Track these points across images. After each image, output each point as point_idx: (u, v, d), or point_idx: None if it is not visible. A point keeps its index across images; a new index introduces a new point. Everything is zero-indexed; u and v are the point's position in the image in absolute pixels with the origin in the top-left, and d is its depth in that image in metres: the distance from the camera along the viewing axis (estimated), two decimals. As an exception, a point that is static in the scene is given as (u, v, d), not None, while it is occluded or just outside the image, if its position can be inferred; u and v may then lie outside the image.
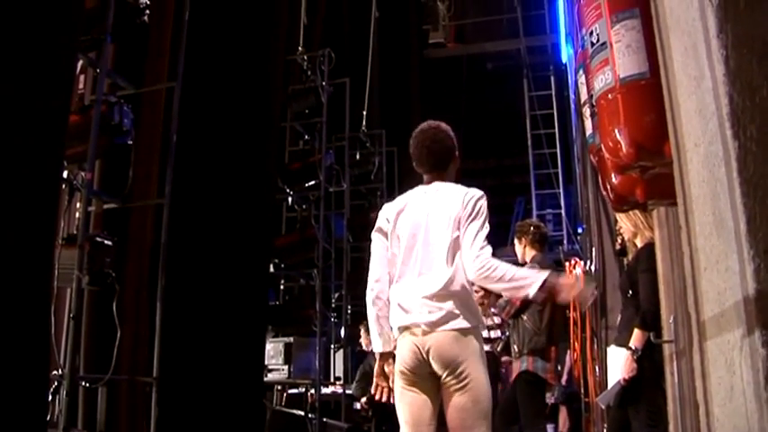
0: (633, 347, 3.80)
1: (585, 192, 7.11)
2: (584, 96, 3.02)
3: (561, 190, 11.81)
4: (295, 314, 7.73)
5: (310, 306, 7.67)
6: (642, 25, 2.45)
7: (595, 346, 6.17)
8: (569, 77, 9.10)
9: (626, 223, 4.20)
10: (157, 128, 5.57)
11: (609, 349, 4.36)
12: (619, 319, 4.28)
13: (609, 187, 2.95)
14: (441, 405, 2.86)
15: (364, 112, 9.60)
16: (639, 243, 4.11)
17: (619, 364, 3.89)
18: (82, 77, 4.65)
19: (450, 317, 2.79)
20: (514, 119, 12.92)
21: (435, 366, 2.81)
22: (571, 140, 9.70)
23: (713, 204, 1.54)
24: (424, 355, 2.81)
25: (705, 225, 1.61)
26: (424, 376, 2.83)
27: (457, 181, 3.10)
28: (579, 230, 9.41)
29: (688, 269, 1.81)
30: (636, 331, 3.82)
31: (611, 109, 2.57)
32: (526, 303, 4.77)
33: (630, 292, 4.03)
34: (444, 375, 2.79)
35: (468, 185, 3.05)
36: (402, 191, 3.17)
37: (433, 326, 2.79)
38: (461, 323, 2.79)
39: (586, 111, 3.01)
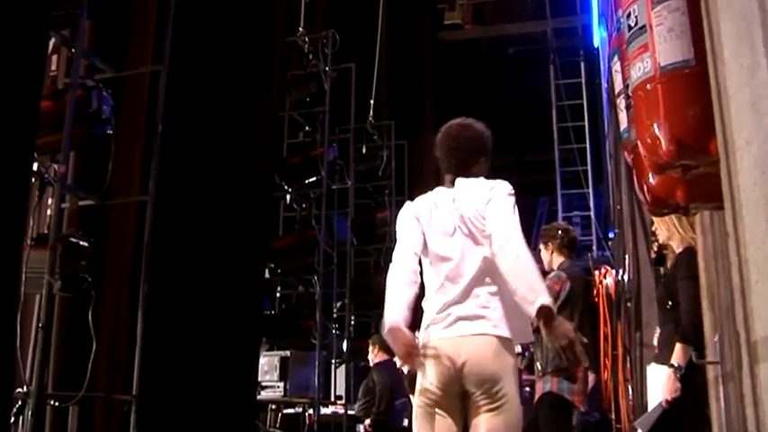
0: (676, 365, 3.75)
1: (618, 192, 7.09)
2: (618, 86, 3.00)
3: (590, 190, 11.77)
4: (292, 325, 7.76)
5: (309, 316, 7.68)
6: (687, 6, 2.41)
7: (628, 365, 6.15)
8: (602, 64, 9.09)
9: (660, 227, 4.18)
10: (141, 116, 5.57)
11: (649, 368, 4.33)
12: (657, 334, 4.24)
13: (645, 188, 2.93)
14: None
15: (371, 101, 9.58)
16: (677, 247, 4.08)
17: (659, 384, 3.85)
18: (54, 58, 4.64)
19: (489, 325, 2.81)
20: (539, 110, 12.85)
21: (468, 383, 2.80)
22: (603, 135, 9.68)
23: (766, 210, 1.52)
24: (457, 370, 2.80)
25: (757, 233, 1.58)
26: (452, 395, 2.82)
27: None
28: (610, 235, 9.40)
29: (736, 282, 1.79)
30: (677, 346, 3.77)
31: (650, 101, 2.54)
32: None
33: (670, 303, 3.99)
34: (477, 393, 2.78)
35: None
36: (413, 188, 3.20)
37: (471, 334, 2.81)
38: (502, 331, 2.81)
39: (621, 102, 2.99)
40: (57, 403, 4.47)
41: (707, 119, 2.11)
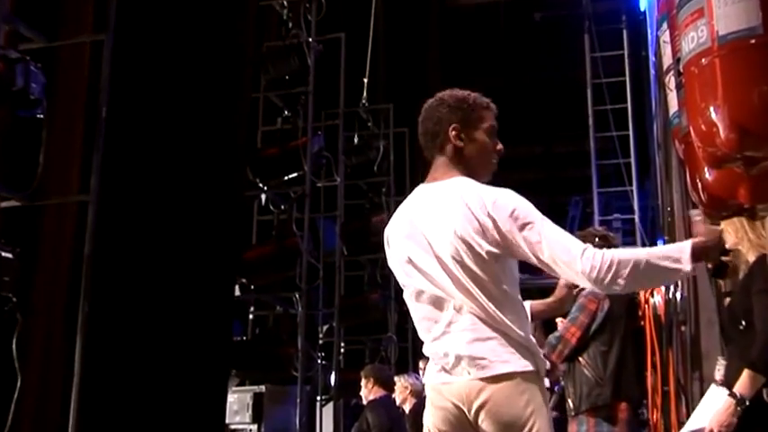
0: (738, 395, 3.71)
1: (668, 190, 7.01)
2: (667, 60, 3.03)
3: (634, 187, 11.71)
4: (268, 353, 7.80)
5: (289, 342, 7.73)
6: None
7: (682, 407, 6.13)
8: (649, 32, 9.05)
9: (728, 230, 4.12)
10: (80, 97, 5.55)
11: (710, 389, 4.33)
12: (722, 366, 4.18)
13: (700, 186, 2.92)
14: None
15: (365, 80, 9.54)
16: (748, 255, 4.02)
17: (712, 408, 3.81)
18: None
19: (502, 358, 2.80)
20: (571, 90, 12.79)
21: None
22: (649, 119, 9.61)
23: None
24: (471, 420, 2.82)
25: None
26: None
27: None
28: (659, 244, 9.20)
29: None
30: (745, 373, 3.72)
31: (705, 78, 2.54)
32: (585, 340, 4.81)
33: (743, 323, 3.92)
34: None
35: (507, 180, 3.02)
36: (416, 185, 3.15)
37: (483, 373, 2.80)
38: (521, 364, 2.79)
39: (670, 81, 3.02)
40: (-30, 452, 4.43)
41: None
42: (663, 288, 6.82)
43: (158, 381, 5.59)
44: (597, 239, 4.94)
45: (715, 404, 3.81)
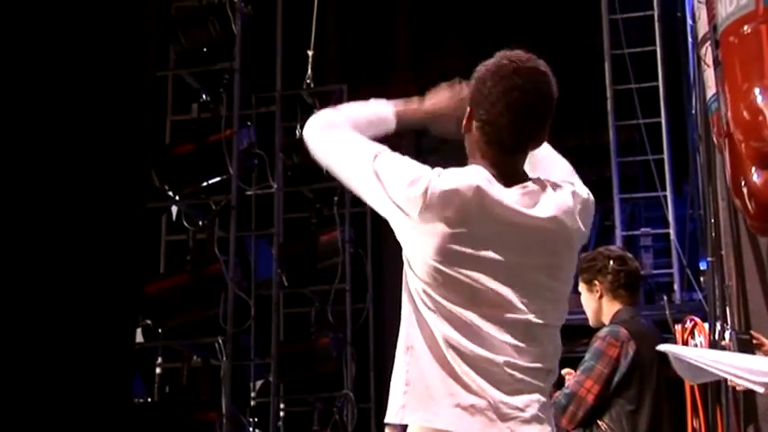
0: None
1: (714, 197, 6.98)
2: (703, 28, 3.04)
3: (669, 192, 11.61)
4: (182, 420, 7.78)
5: (210, 405, 7.76)
6: None
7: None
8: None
9: None
10: None
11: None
12: None
13: (746, 192, 2.95)
14: None
15: (310, 53, 9.54)
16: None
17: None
18: None
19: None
20: (583, 63, 12.87)
21: None
22: (688, 103, 9.63)
23: None
24: None
25: None
26: None
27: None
28: (702, 266, 9.40)
29: None
30: None
31: (748, 51, 2.57)
32: (606, 398, 4.85)
33: None
34: None
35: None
36: None
37: None
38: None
39: (707, 54, 3.03)
40: None
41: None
42: (706, 326, 6.88)
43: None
44: (612, 262, 5.13)
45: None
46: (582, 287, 5.21)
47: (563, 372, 5.03)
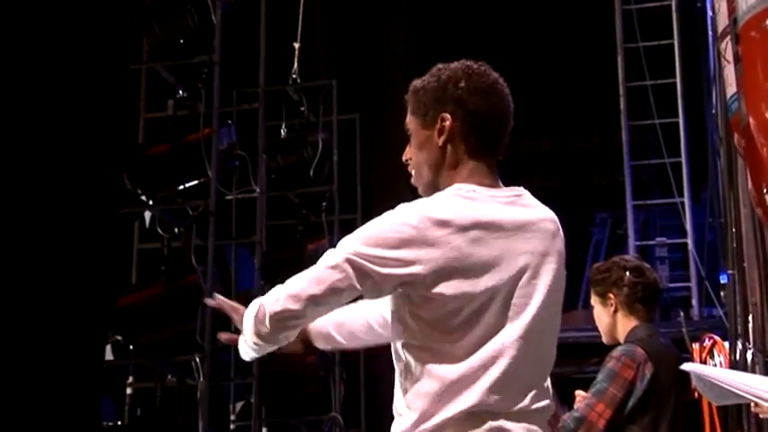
0: None
1: (735, 204, 7.09)
2: (723, 21, 3.20)
3: (686, 199, 11.74)
4: (157, 444, 7.84)
5: (186, 429, 7.88)
6: None
7: None
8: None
9: None
10: None
11: None
12: None
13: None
14: None
15: (296, 45, 9.56)
16: None
17: None
18: None
19: None
20: (593, 57, 13.17)
21: None
22: (708, 101, 9.78)
23: None
24: None
25: None
26: None
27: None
28: (722, 280, 9.27)
29: None
30: None
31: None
32: (619, 424, 4.80)
33: None
34: None
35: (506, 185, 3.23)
36: (371, 197, 2.97)
37: None
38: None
39: (727, 49, 3.14)
40: None
41: None
42: (726, 345, 6.80)
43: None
44: (628, 273, 5.06)
45: None
46: (595, 300, 5.19)
47: (575, 393, 4.98)
